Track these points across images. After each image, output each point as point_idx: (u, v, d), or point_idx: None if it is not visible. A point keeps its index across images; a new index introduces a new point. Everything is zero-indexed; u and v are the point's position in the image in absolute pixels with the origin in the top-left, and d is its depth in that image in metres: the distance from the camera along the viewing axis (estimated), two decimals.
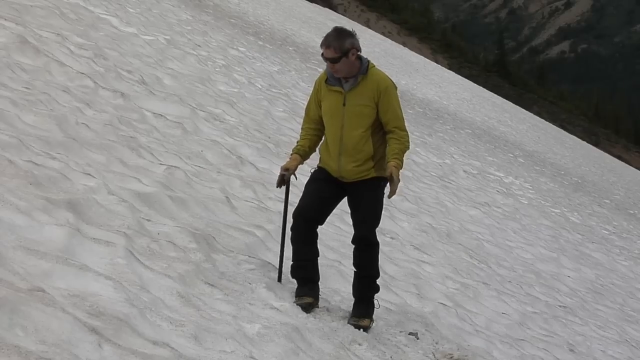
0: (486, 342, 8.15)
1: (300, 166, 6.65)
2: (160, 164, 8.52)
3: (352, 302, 6.69)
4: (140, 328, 4.54)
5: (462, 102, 54.96)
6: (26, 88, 8.91)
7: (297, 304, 6.31)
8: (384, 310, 7.18)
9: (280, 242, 6.80)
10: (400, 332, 6.82)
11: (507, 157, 34.26)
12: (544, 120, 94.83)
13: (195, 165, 9.19)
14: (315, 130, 6.66)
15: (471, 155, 27.99)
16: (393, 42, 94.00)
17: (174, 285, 5.43)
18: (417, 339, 6.84)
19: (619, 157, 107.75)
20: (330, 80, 6.46)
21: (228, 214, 8.06)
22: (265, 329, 5.44)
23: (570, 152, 60.92)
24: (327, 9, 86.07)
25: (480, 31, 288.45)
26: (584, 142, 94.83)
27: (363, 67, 6.38)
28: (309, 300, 6.41)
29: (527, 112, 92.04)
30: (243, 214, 8.30)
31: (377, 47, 67.19)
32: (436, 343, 6.99)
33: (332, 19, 72.91)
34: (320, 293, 6.62)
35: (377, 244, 6.64)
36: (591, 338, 10.73)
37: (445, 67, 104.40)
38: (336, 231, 9.71)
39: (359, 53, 6.36)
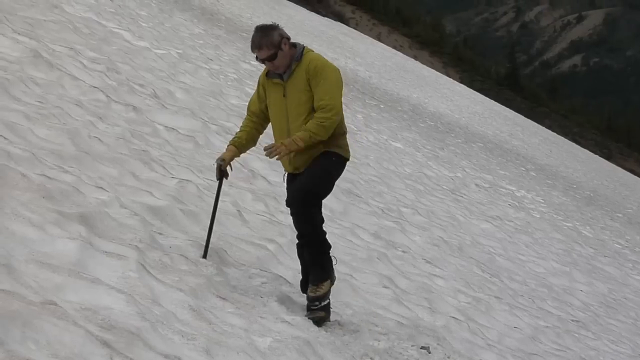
0: (498, 357, 8.12)
1: (236, 158, 6.57)
2: (172, 177, 8.53)
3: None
4: (152, 342, 4.54)
5: (473, 115, 54.90)
6: (39, 102, 8.96)
7: (308, 318, 6.30)
8: (396, 324, 7.16)
9: (208, 226, 6.62)
10: (412, 346, 6.79)
11: (519, 170, 34.18)
12: (555, 133, 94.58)
13: (207, 179, 9.20)
14: (254, 123, 6.55)
15: (483, 168, 27.94)
16: (404, 56, 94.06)
17: (185, 298, 5.43)
18: (429, 353, 6.82)
19: (632, 171, 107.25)
20: (270, 73, 6.35)
21: (240, 228, 8.06)
22: (276, 343, 5.43)
23: (582, 166, 60.74)
24: (338, 23, 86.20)
25: (492, 45, 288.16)
26: (596, 156, 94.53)
27: (297, 54, 6.22)
28: (320, 314, 6.38)
29: (539, 125, 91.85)
30: (254, 227, 8.30)
31: (388, 60, 67.26)
32: (448, 357, 6.97)
33: (343, 33, 73.08)
34: (331, 307, 6.60)
35: (311, 204, 6.21)
36: (604, 353, 10.67)
37: (457, 81, 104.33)
38: (347, 245, 9.71)
39: (290, 41, 6.22)
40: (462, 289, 10.33)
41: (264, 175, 10.71)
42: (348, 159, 6.49)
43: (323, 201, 6.40)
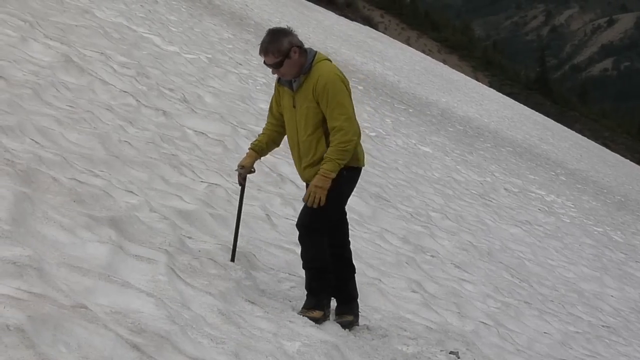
0: None
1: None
2: (202, 181, 8.57)
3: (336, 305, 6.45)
4: (181, 345, 4.56)
5: (503, 120, 54.67)
6: (70, 106, 9.03)
7: (337, 322, 6.27)
8: (425, 329, 7.14)
9: (234, 233, 6.59)
10: (441, 351, 6.77)
11: (549, 175, 33.98)
12: (586, 138, 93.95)
13: (236, 183, 9.19)
14: (275, 126, 6.37)
15: (512, 173, 27.81)
16: (433, 60, 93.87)
17: (214, 302, 5.45)
18: (458, 358, 6.79)
19: None
20: (281, 80, 6.17)
21: (268, 232, 8.08)
22: (305, 347, 5.43)
23: (613, 170, 60.26)
24: (367, 27, 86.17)
25: (522, 49, 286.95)
26: (627, 160, 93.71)
27: (306, 65, 5.97)
28: (349, 318, 6.35)
29: (569, 129, 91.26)
30: (283, 231, 8.31)
31: (417, 65, 67.14)
32: None
33: (372, 37, 73.04)
34: (360, 311, 6.59)
35: (318, 231, 6.11)
36: (635, 358, 10.58)
37: (486, 85, 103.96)
38: (376, 249, 9.70)
39: (301, 49, 5.97)
40: (491, 294, 10.28)
41: (293, 180, 10.72)
42: (362, 167, 6.27)
43: (352, 206, 6.36)
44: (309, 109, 5.98)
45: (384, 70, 46.24)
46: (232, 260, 6.49)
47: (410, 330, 6.93)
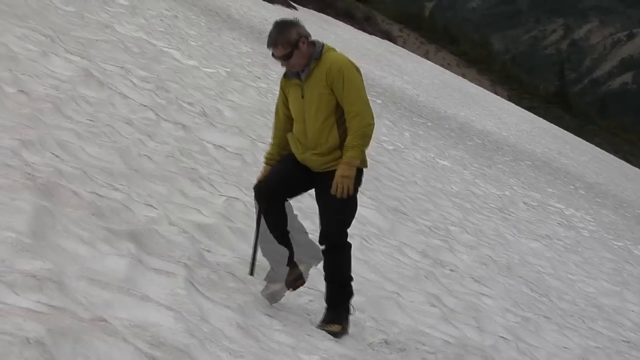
0: None
1: None
2: (220, 195, 8.59)
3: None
4: (200, 358, 4.56)
5: (521, 133, 54.53)
6: (90, 120, 9.08)
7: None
8: (443, 343, 7.12)
9: (253, 244, 6.56)
10: None
11: (568, 189, 33.85)
12: (605, 151, 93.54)
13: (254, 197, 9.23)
14: (283, 131, 6.27)
15: (531, 187, 27.72)
16: (452, 74, 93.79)
17: (233, 316, 5.46)
18: None
19: None
20: (288, 73, 6.09)
21: None
22: None
23: (632, 184, 59.92)
24: (386, 41, 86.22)
25: (541, 63, 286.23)
26: None
27: (316, 52, 5.92)
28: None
29: (588, 143, 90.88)
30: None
31: (436, 78, 67.11)
32: None
33: (391, 51, 73.09)
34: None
35: (346, 245, 6.06)
36: None
37: (505, 99, 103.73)
38: (395, 263, 9.69)
39: (309, 39, 5.94)
40: (510, 308, 10.24)
41: (311, 193, 10.71)
42: (365, 167, 6.14)
43: (371, 219, 6.34)
44: (321, 96, 5.89)
45: (402, 84, 46.25)
46: (251, 273, 6.50)
47: (429, 344, 6.91)
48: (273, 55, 5.94)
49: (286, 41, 5.83)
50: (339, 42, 51.21)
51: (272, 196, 6.09)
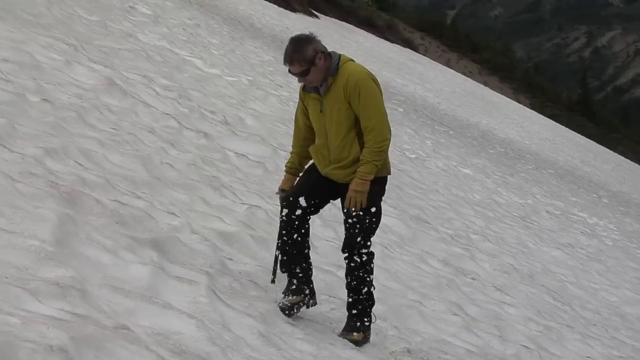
0: None
1: None
2: (242, 203, 8.61)
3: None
4: None
5: (544, 141, 54.31)
6: (113, 129, 9.13)
7: (278, 306, 6.05)
8: (465, 352, 7.10)
9: (275, 253, 6.47)
10: None
11: (591, 197, 33.66)
12: (629, 160, 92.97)
13: (277, 205, 9.24)
14: (303, 140, 6.32)
15: (554, 195, 27.59)
16: (474, 82, 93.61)
17: (255, 324, 5.47)
18: None
19: None
20: (307, 87, 6.09)
21: None
22: None
23: None
24: (407, 50, 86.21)
25: (563, 70, 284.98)
26: None
27: (333, 67, 5.89)
28: (293, 299, 6.09)
29: (611, 152, 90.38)
30: (323, 253, 8.32)
31: (458, 87, 66.99)
32: None
33: (412, 59, 73.05)
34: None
35: (370, 254, 6.05)
36: None
37: (527, 107, 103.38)
38: (417, 271, 9.67)
39: (325, 54, 5.90)
40: (533, 317, 10.19)
41: (333, 202, 10.73)
42: (389, 175, 6.18)
43: (393, 227, 6.33)
44: (340, 111, 5.89)
45: (424, 92, 46.19)
46: (273, 282, 6.50)
47: (451, 353, 6.89)
48: (290, 71, 5.95)
49: (302, 58, 5.82)
50: (360, 50, 51.28)
51: (296, 206, 6.07)
